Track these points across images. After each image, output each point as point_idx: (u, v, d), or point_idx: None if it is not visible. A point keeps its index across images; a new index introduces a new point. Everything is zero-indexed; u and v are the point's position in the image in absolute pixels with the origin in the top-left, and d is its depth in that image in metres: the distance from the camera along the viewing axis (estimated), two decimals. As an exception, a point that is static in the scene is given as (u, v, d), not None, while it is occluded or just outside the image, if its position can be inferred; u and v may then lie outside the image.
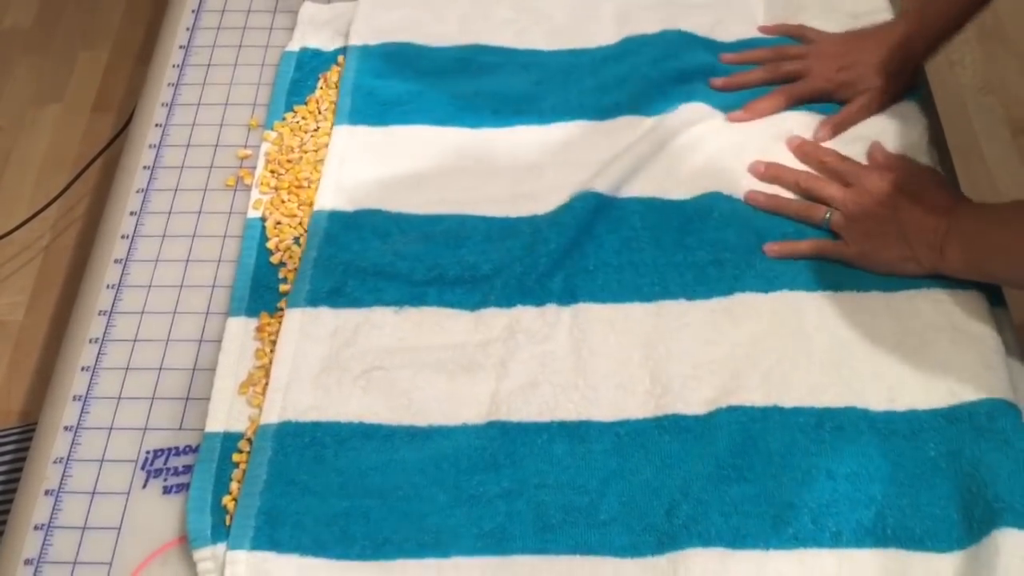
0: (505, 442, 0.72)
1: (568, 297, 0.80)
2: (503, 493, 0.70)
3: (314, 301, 0.80)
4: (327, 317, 0.79)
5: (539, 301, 0.79)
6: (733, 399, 0.73)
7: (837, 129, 0.88)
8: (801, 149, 0.86)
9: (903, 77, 0.89)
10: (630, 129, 0.90)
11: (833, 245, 0.80)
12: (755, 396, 0.73)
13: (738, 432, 0.71)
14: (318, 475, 0.71)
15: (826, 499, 0.68)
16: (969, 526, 0.67)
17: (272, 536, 0.68)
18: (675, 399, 0.73)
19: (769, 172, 0.85)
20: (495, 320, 0.79)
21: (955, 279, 0.77)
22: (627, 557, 0.67)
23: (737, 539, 0.67)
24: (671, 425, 0.72)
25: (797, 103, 0.90)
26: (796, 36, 0.96)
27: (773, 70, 0.92)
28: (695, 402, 0.73)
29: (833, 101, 0.90)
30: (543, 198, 0.86)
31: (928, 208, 0.76)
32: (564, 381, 0.75)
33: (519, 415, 0.73)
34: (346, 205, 0.86)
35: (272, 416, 0.74)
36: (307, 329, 0.79)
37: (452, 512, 0.69)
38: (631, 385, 0.75)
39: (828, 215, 0.81)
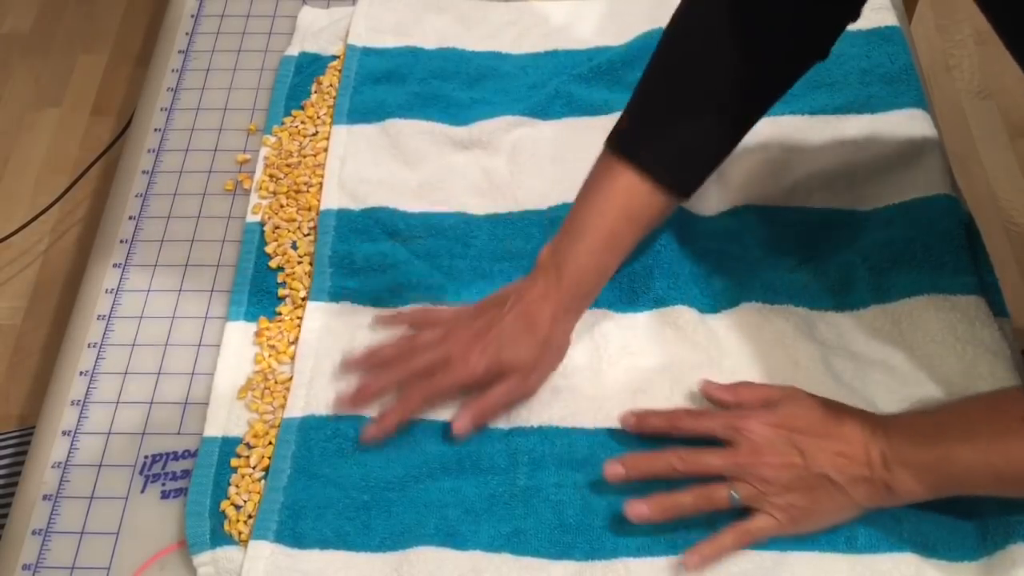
0: (526, 444, 0.73)
1: None
2: (522, 492, 0.71)
3: (335, 296, 0.81)
4: (348, 313, 0.80)
5: None
6: None
7: (483, 415, 0.73)
8: (641, 425, 0.71)
9: (552, 349, 0.75)
10: None
11: (759, 524, 0.66)
12: None
13: None
14: (340, 468, 0.72)
15: None
16: (983, 537, 0.67)
17: (295, 529, 0.69)
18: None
19: (636, 470, 0.68)
20: None
21: (951, 291, 0.77)
22: (642, 557, 0.67)
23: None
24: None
25: (435, 404, 0.74)
26: (418, 321, 0.79)
27: (406, 367, 0.74)
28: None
29: (477, 386, 0.74)
30: (543, 195, 0.87)
31: (840, 440, 0.65)
32: (584, 387, 0.76)
33: (539, 419, 0.74)
34: (351, 204, 0.87)
35: (295, 410, 0.75)
36: (329, 324, 0.79)
37: (472, 507, 0.70)
38: (651, 391, 0.75)
39: (733, 492, 0.66)
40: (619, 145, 0.74)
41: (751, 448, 0.67)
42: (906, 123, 0.89)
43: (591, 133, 0.91)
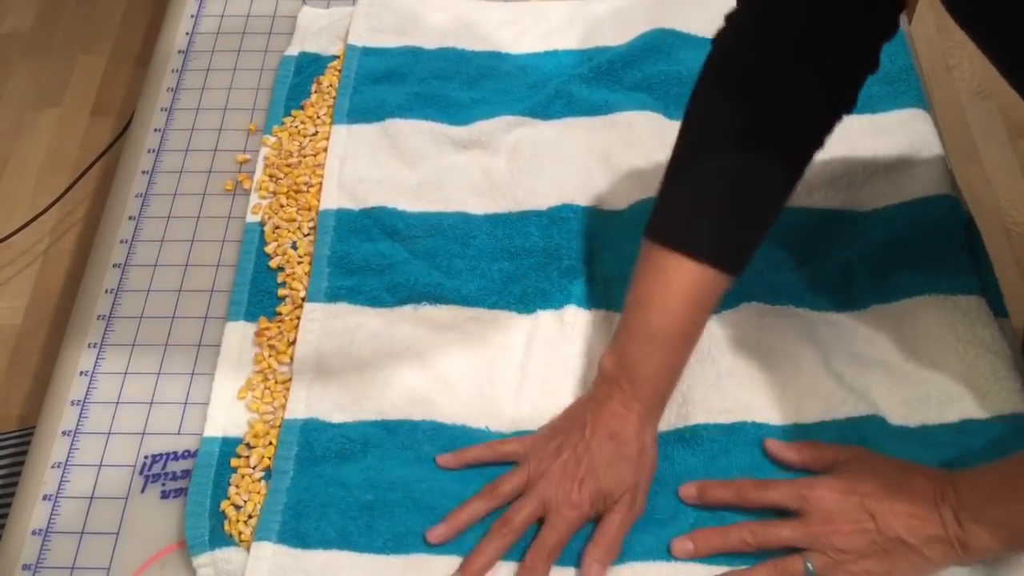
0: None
1: (586, 302, 0.80)
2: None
3: (333, 297, 0.81)
4: (347, 314, 0.80)
5: (558, 304, 0.80)
6: (755, 415, 0.73)
7: (610, 555, 0.67)
8: (705, 496, 0.69)
9: (645, 460, 0.71)
10: (628, 127, 0.91)
11: None
12: (772, 413, 0.73)
13: (759, 446, 0.72)
14: (343, 469, 0.72)
15: None
16: None
17: (297, 529, 0.69)
18: (696, 408, 0.74)
19: (707, 546, 0.67)
20: (515, 322, 0.80)
21: (951, 291, 0.77)
22: (648, 561, 0.67)
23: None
24: (692, 436, 0.72)
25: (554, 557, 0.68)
26: (486, 458, 0.73)
27: (510, 531, 0.68)
28: (716, 411, 0.74)
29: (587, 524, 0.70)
30: (542, 195, 0.87)
31: (910, 501, 0.64)
32: (584, 388, 0.76)
33: (541, 421, 0.74)
34: (351, 204, 0.87)
35: (298, 412, 0.75)
36: (328, 325, 0.79)
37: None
38: None
39: (808, 564, 0.65)
40: (667, 238, 0.71)
41: (822, 517, 0.66)
42: (906, 123, 0.89)
43: (591, 133, 0.92)
